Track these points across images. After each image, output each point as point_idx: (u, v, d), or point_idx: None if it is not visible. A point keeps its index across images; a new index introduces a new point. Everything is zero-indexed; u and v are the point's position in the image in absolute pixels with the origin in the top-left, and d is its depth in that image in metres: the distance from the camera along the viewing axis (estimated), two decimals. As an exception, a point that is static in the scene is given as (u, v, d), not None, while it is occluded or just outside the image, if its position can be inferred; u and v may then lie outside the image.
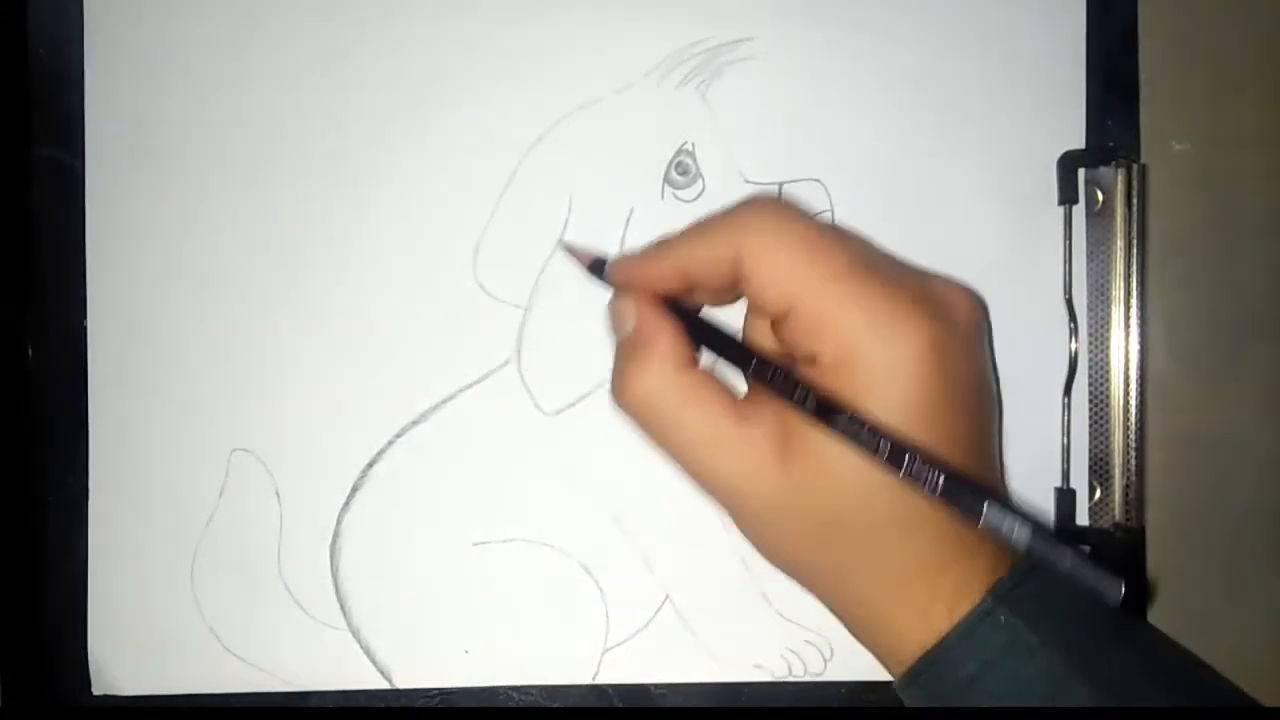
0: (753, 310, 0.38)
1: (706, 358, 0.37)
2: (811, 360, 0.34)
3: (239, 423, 0.43)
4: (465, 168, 0.43)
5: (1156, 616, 0.43)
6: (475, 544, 0.43)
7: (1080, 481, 0.43)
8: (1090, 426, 0.42)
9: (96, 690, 0.43)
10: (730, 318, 0.39)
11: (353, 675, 0.43)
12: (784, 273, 0.34)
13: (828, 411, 0.33)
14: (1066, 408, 0.42)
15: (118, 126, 0.42)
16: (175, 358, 0.43)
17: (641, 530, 0.43)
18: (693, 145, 0.42)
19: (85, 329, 0.43)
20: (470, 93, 0.43)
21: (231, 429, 0.43)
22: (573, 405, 0.43)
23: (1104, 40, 0.43)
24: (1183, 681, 0.35)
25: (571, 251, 0.41)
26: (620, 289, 0.38)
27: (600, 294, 0.42)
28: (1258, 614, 0.44)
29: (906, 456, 0.32)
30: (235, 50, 0.43)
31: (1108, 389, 0.42)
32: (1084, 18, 0.43)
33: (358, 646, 0.43)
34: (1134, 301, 0.41)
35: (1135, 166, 0.41)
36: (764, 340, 0.37)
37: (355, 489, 0.43)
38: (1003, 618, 0.33)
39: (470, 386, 0.43)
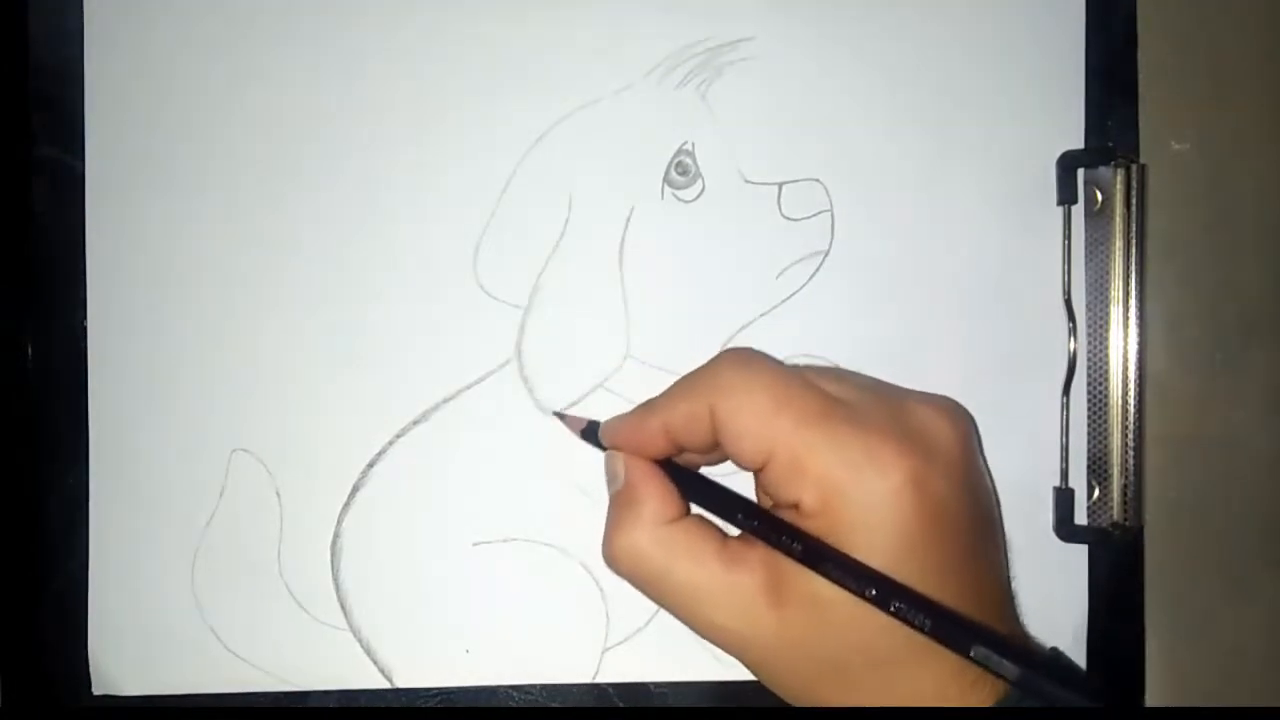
0: (737, 464, 0.37)
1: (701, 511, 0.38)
2: (795, 506, 0.34)
3: (239, 423, 0.43)
4: (465, 168, 0.43)
5: (1155, 616, 0.43)
6: (475, 544, 0.43)
7: (1079, 481, 0.43)
8: (1089, 426, 0.42)
9: (96, 690, 0.43)
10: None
11: (353, 675, 0.43)
12: (755, 424, 0.34)
13: (814, 557, 0.33)
14: (1065, 407, 0.43)
15: (118, 126, 0.42)
16: (175, 358, 0.43)
17: (642, 530, 0.43)
18: (693, 145, 0.42)
19: (85, 329, 0.42)
20: (470, 92, 0.43)
21: (231, 429, 0.43)
22: (573, 405, 0.43)
23: (1103, 40, 0.43)
24: None
25: (563, 419, 0.42)
26: (612, 449, 0.38)
27: (601, 294, 0.43)
28: (1256, 613, 0.44)
29: (893, 599, 0.32)
30: (235, 50, 0.43)
31: (1106, 388, 0.42)
32: (1083, 18, 0.43)
33: (358, 646, 0.43)
34: (1133, 301, 0.41)
35: (1134, 166, 0.41)
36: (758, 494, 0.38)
37: (355, 489, 0.43)
38: None
39: (470, 386, 0.43)
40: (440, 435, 0.43)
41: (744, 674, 0.42)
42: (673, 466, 0.38)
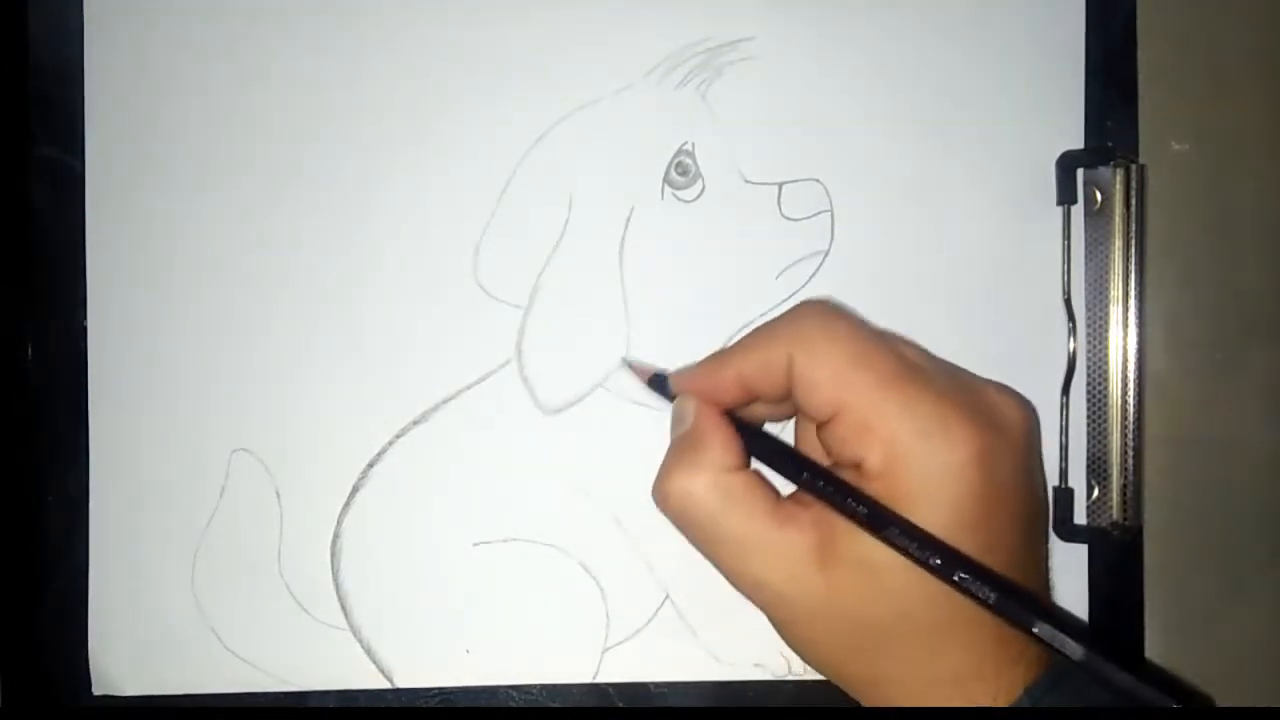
0: (802, 416, 0.38)
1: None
2: (857, 466, 0.34)
3: (239, 423, 0.43)
4: (465, 167, 0.43)
5: (1155, 616, 0.43)
6: (475, 544, 0.43)
7: (1078, 480, 0.43)
8: (1088, 426, 0.42)
9: (96, 690, 0.43)
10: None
11: (353, 675, 0.43)
12: (831, 377, 0.34)
13: (879, 521, 0.33)
14: (1065, 407, 0.43)
15: (118, 126, 0.42)
16: (175, 358, 0.43)
17: (641, 530, 0.43)
18: (693, 145, 0.42)
19: (85, 329, 0.42)
20: (470, 92, 0.43)
21: (231, 429, 0.43)
22: (573, 405, 0.43)
23: (1103, 40, 0.43)
24: None
25: (633, 369, 0.41)
26: (682, 395, 0.38)
27: (601, 294, 0.43)
28: (1256, 613, 0.44)
29: (958, 569, 0.32)
30: (235, 50, 0.43)
31: (1106, 388, 0.42)
32: (1083, 17, 0.43)
33: (358, 646, 0.43)
34: (1132, 301, 0.41)
35: (1134, 166, 0.41)
36: (813, 448, 0.37)
37: (355, 489, 0.43)
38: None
39: (470, 386, 0.43)
40: (440, 435, 0.43)
41: (744, 674, 0.43)
42: (742, 424, 0.37)
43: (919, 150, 0.43)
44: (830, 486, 0.34)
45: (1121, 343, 0.41)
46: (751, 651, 0.43)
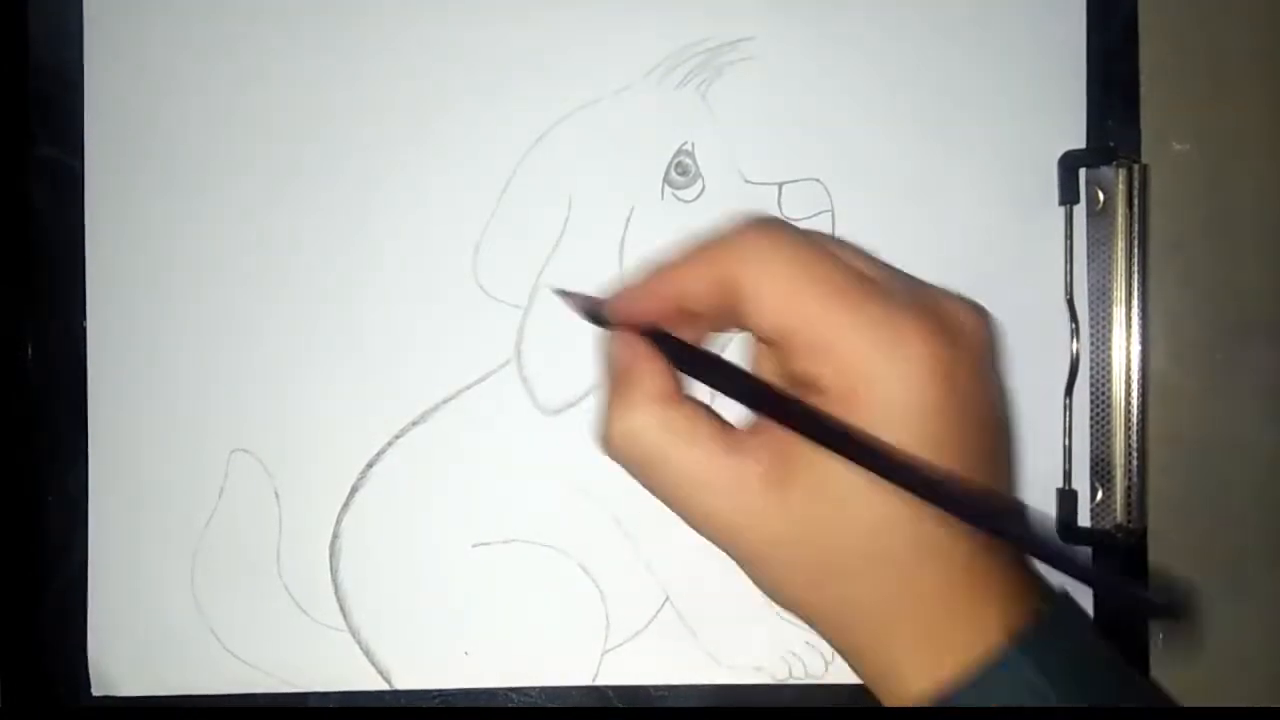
0: (753, 337, 0.36)
1: (705, 392, 0.36)
2: (815, 386, 0.32)
3: (239, 423, 0.43)
4: (465, 167, 0.43)
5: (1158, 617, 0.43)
6: (475, 544, 0.43)
7: (1082, 482, 0.42)
8: (1092, 427, 0.42)
9: (96, 690, 0.43)
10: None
11: (353, 676, 0.43)
12: (784, 296, 0.33)
13: (841, 439, 0.31)
14: (1068, 408, 0.42)
15: (118, 126, 0.43)
16: (175, 358, 0.43)
17: (641, 531, 0.43)
18: (693, 145, 0.42)
19: (85, 329, 0.43)
20: (470, 92, 0.43)
21: (231, 429, 0.43)
22: (573, 405, 0.43)
23: (1104, 40, 0.43)
24: None
25: (566, 298, 0.40)
26: (615, 326, 0.36)
27: (600, 291, 0.42)
28: (1259, 614, 0.43)
29: (923, 481, 0.31)
30: (235, 51, 0.43)
31: (1109, 389, 0.42)
32: (1084, 17, 0.43)
33: (358, 647, 0.43)
34: (1135, 302, 0.41)
35: (1136, 166, 0.41)
36: (766, 369, 0.36)
37: (355, 489, 0.43)
38: (1021, 670, 0.32)
39: (470, 386, 0.43)
40: (440, 435, 0.43)
41: (744, 677, 0.43)
42: (676, 343, 0.35)
43: (919, 150, 0.43)
44: (785, 406, 0.33)
45: (1124, 343, 0.41)
46: (752, 654, 0.43)
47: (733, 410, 0.35)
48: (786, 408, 0.33)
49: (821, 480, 0.32)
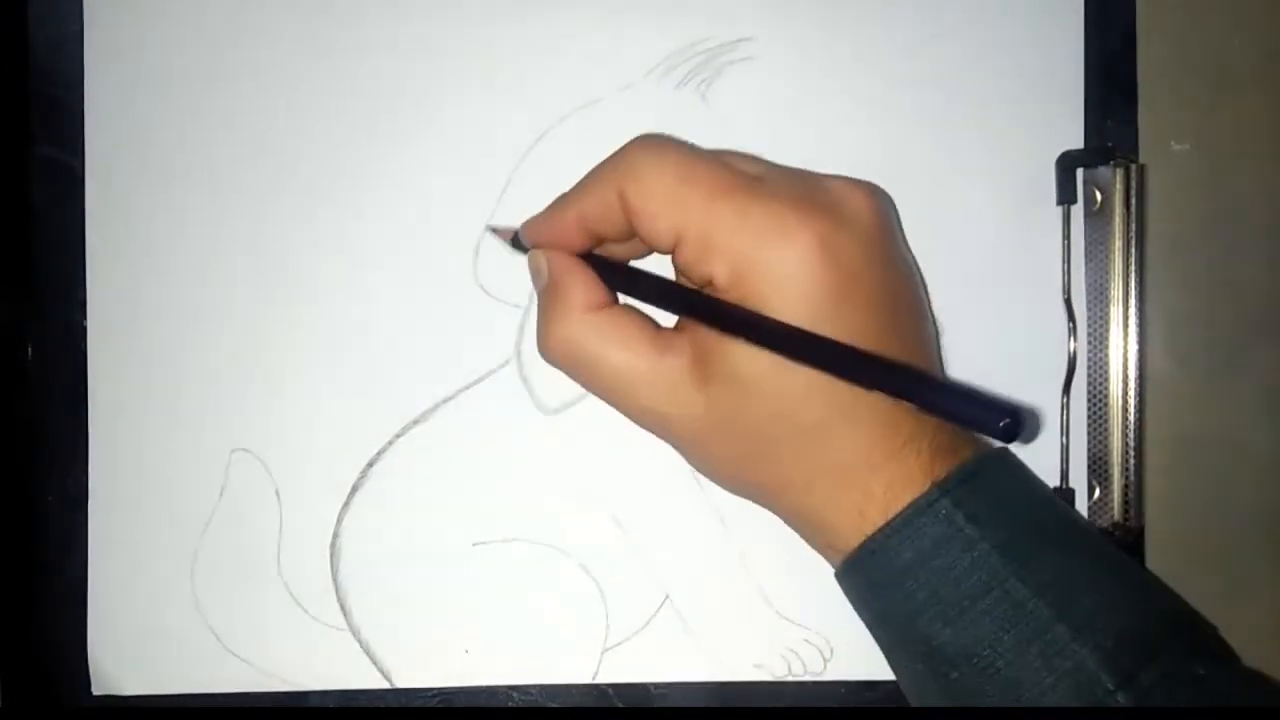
0: (653, 247, 0.38)
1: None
2: (713, 284, 0.34)
3: (239, 423, 0.43)
4: (465, 167, 0.43)
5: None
6: (475, 544, 0.43)
7: (1079, 481, 0.43)
8: (1089, 426, 0.42)
9: (96, 690, 0.43)
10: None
11: (353, 675, 0.43)
12: (664, 203, 0.35)
13: (736, 324, 0.34)
14: (1065, 407, 0.42)
15: (118, 126, 0.43)
16: (175, 358, 0.43)
17: (641, 530, 0.43)
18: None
19: (85, 329, 0.43)
20: (470, 92, 0.43)
21: (231, 429, 0.43)
22: (573, 405, 0.43)
23: (1103, 40, 0.43)
24: (1125, 591, 0.35)
25: (496, 233, 0.42)
26: (534, 248, 0.39)
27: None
28: (1257, 614, 0.44)
29: (842, 355, 0.32)
30: (235, 51, 0.43)
31: (1107, 388, 0.42)
32: (1083, 17, 0.43)
33: (358, 646, 0.43)
34: (1133, 301, 0.41)
35: (1134, 166, 0.41)
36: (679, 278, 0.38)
37: (355, 489, 0.43)
38: (943, 511, 0.33)
39: (470, 386, 0.43)
40: (440, 435, 0.43)
41: (743, 674, 0.43)
42: (595, 259, 0.38)
43: (918, 150, 0.43)
44: (684, 301, 0.35)
45: (1122, 343, 0.41)
46: (751, 652, 0.43)
47: (664, 318, 0.38)
48: (693, 303, 0.35)
49: (735, 367, 0.34)
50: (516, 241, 0.40)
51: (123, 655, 0.43)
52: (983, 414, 0.30)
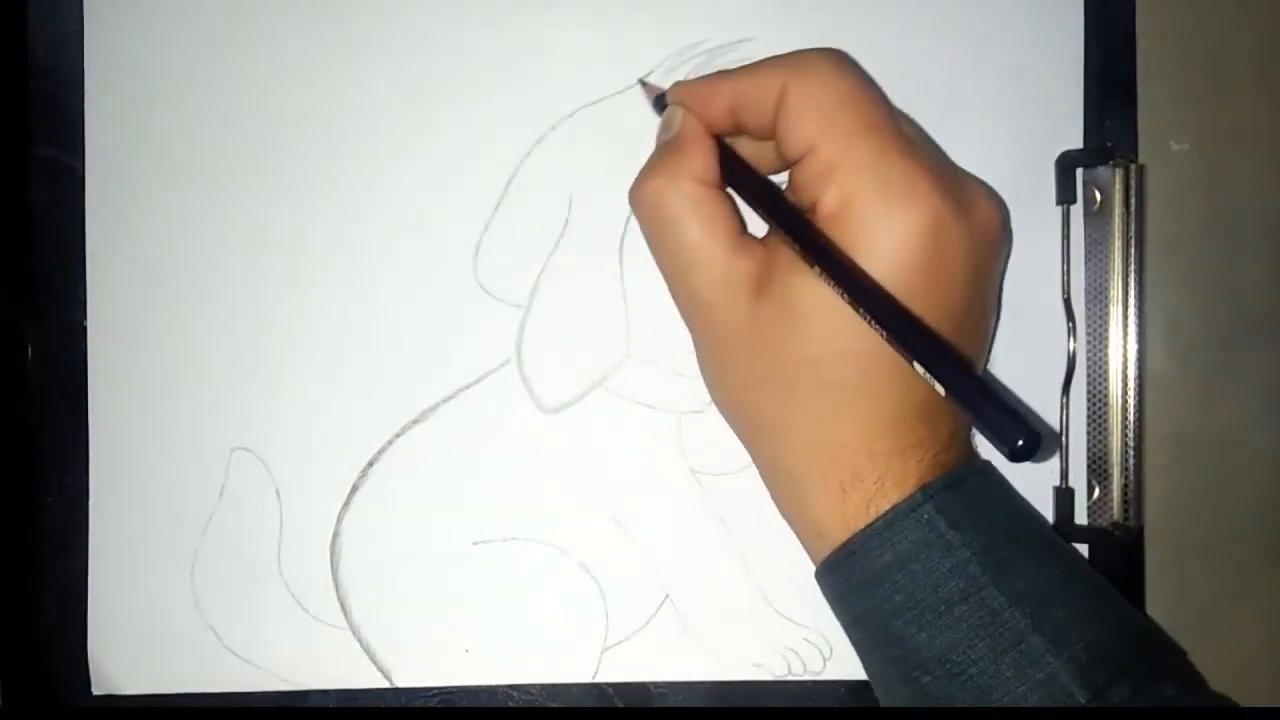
0: (781, 148, 0.37)
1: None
2: (814, 208, 0.34)
3: (239, 423, 0.43)
4: (465, 167, 0.43)
5: (1155, 616, 0.43)
6: (475, 543, 0.43)
7: (1079, 480, 0.43)
8: (1089, 425, 0.42)
9: (96, 690, 0.43)
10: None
11: (353, 675, 0.43)
12: (815, 111, 0.34)
13: (816, 252, 0.33)
14: (1065, 407, 0.43)
15: (118, 126, 0.43)
16: (175, 358, 0.43)
17: (641, 530, 0.43)
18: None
19: (85, 329, 0.43)
20: (471, 93, 0.43)
21: (231, 429, 0.43)
22: (572, 405, 0.43)
23: (1102, 40, 0.43)
24: (1101, 608, 0.35)
25: (645, 87, 0.42)
26: (673, 106, 0.38)
27: (601, 294, 0.43)
28: (1256, 613, 0.44)
29: (907, 324, 0.32)
30: (235, 51, 0.43)
31: (1106, 388, 0.42)
32: (1082, 17, 0.43)
33: (358, 646, 0.43)
34: (1132, 301, 0.41)
35: (1133, 166, 0.41)
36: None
37: (355, 489, 0.43)
38: (925, 516, 0.33)
39: (470, 386, 0.43)
40: (440, 435, 0.43)
41: (743, 673, 0.43)
42: (723, 146, 0.37)
43: (918, 150, 0.43)
44: (782, 213, 0.35)
45: (1121, 342, 0.41)
46: (751, 651, 0.43)
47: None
48: (790, 218, 0.35)
49: (791, 296, 0.34)
50: (661, 101, 0.40)
51: (123, 655, 0.43)
52: (1004, 424, 0.30)
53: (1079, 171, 0.42)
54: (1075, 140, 0.43)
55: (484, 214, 0.43)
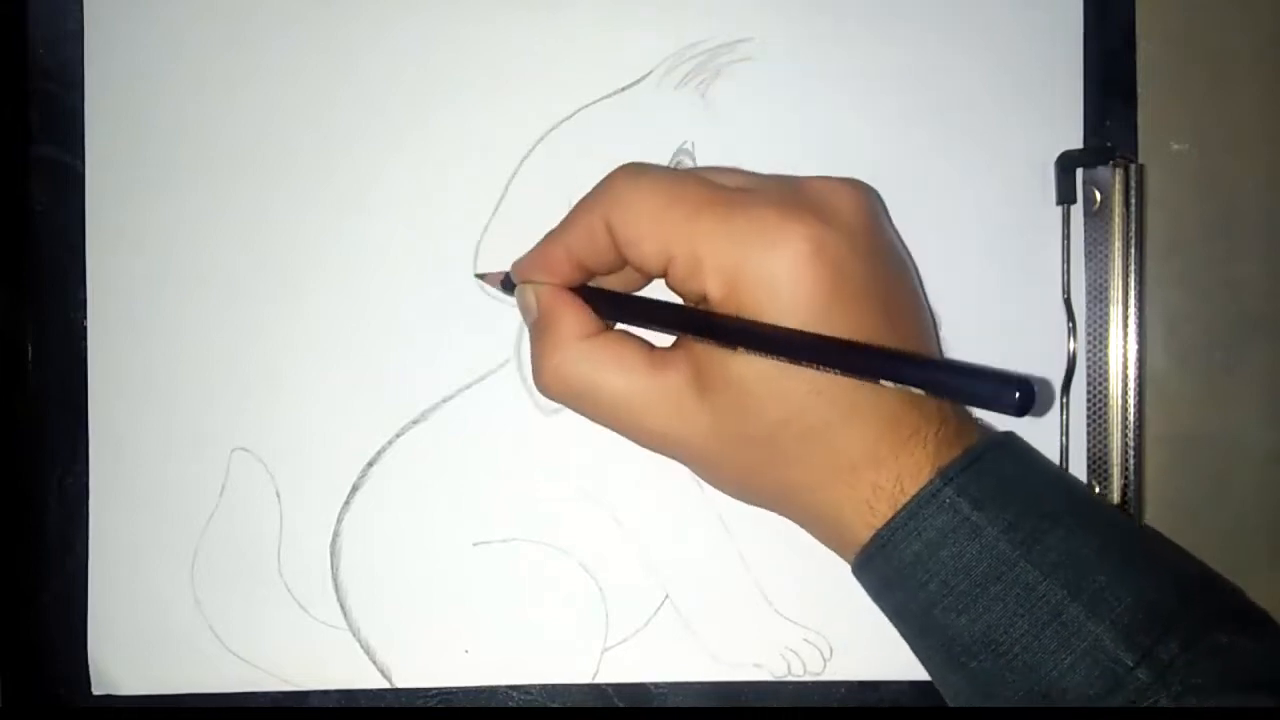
0: (644, 272, 0.38)
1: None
2: (707, 299, 0.34)
3: (239, 423, 0.43)
4: (465, 168, 0.43)
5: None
6: (475, 544, 0.43)
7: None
8: (1089, 426, 0.42)
9: (96, 690, 0.43)
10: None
11: (353, 675, 0.43)
12: (648, 226, 0.35)
13: (731, 334, 0.33)
14: (1065, 407, 0.43)
15: (118, 126, 0.43)
16: (175, 358, 0.43)
17: (641, 530, 0.43)
18: (693, 145, 0.42)
19: (85, 329, 0.43)
20: (471, 93, 0.43)
21: (231, 429, 0.43)
22: (572, 405, 0.43)
23: (1102, 40, 0.43)
24: (1138, 564, 0.34)
25: (484, 279, 0.42)
26: (523, 284, 0.39)
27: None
28: (1256, 612, 0.44)
29: (842, 352, 0.32)
30: (235, 51, 0.43)
31: (1106, 388, 0.42)
32: (1082, 17, 0.43)
33: (358, 646, 0.43)
34: (1132, 301, 0.41)
35: (1133, 166, 0.41)
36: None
37: (355, 489, 0.43)
38: (947, 499, 0.33)
39: (470, 386, 0.43)
40: (440, 435, 0.43)
41: (744, 673, 0.43)
42: (585, 290, 0.38)
43: (917, 150, 0.43)
44: (686, 318, 0.35)
45: (1121, 342, 0.41)
46: (751, 651, 0.43)
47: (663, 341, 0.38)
48: (688, 320, 0.35)
49: (735, 376, 0.34)
50: (508, 283, 0.40)
51: (123, 655, 0.43)
52: (994, 390, 0.30)
53: (1079, 171, 0.42)
54: (1075, 140, 0.43)
55: (484, 214, 0.43)
